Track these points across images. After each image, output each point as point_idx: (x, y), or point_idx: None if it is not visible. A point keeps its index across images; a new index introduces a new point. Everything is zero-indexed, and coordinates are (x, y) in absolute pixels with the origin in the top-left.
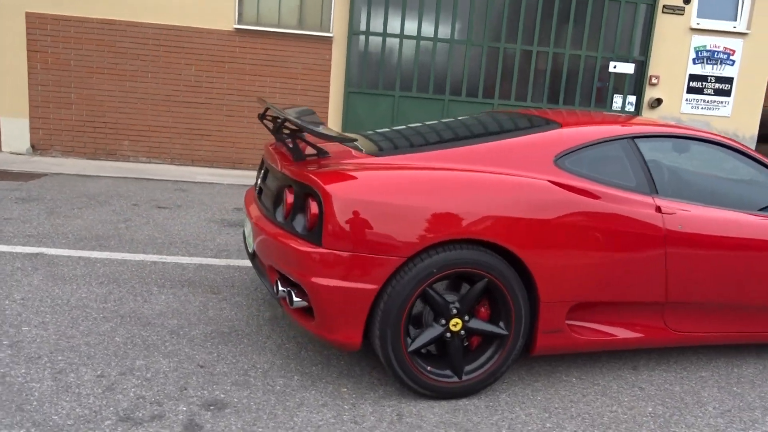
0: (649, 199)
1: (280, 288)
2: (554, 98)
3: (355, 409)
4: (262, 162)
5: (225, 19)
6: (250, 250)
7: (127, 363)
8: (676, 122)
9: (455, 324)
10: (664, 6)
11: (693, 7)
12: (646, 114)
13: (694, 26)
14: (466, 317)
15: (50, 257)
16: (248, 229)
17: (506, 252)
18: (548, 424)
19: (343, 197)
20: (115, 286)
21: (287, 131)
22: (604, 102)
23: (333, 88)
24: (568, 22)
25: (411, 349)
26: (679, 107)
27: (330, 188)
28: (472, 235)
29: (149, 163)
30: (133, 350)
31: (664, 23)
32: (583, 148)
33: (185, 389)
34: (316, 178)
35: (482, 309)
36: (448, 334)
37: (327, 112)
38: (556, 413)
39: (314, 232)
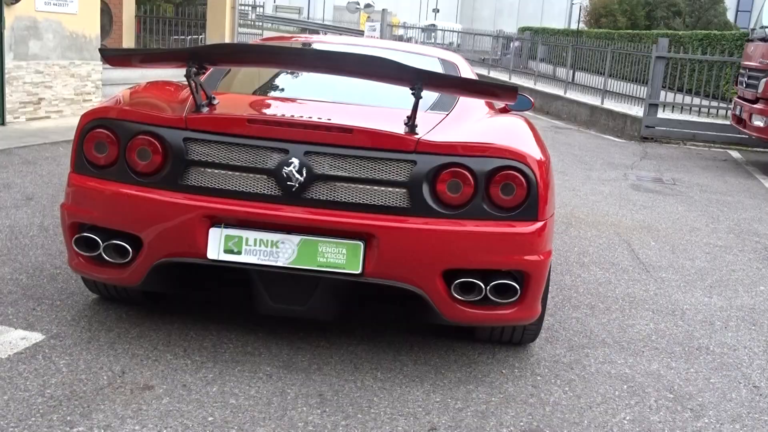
0: None
1: (481, 285)
2: None
3: (500, 390)
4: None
5: None
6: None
7: None
8: (32, 20)
9: None
10: None
11: None
12: (7, 12)
13: None
14: None
15: None
16: (290, 244)
17: None
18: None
19: (542, 162)
20: None
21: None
22: None
23: None
24: None
25: None
26: (34, 5)
27: (531, 155)
28: None
29: None
30: None
31: None
32: None
33: None
34: (516, 149)
35: None
36: None
37: None
38: None
39: (522, 208)
